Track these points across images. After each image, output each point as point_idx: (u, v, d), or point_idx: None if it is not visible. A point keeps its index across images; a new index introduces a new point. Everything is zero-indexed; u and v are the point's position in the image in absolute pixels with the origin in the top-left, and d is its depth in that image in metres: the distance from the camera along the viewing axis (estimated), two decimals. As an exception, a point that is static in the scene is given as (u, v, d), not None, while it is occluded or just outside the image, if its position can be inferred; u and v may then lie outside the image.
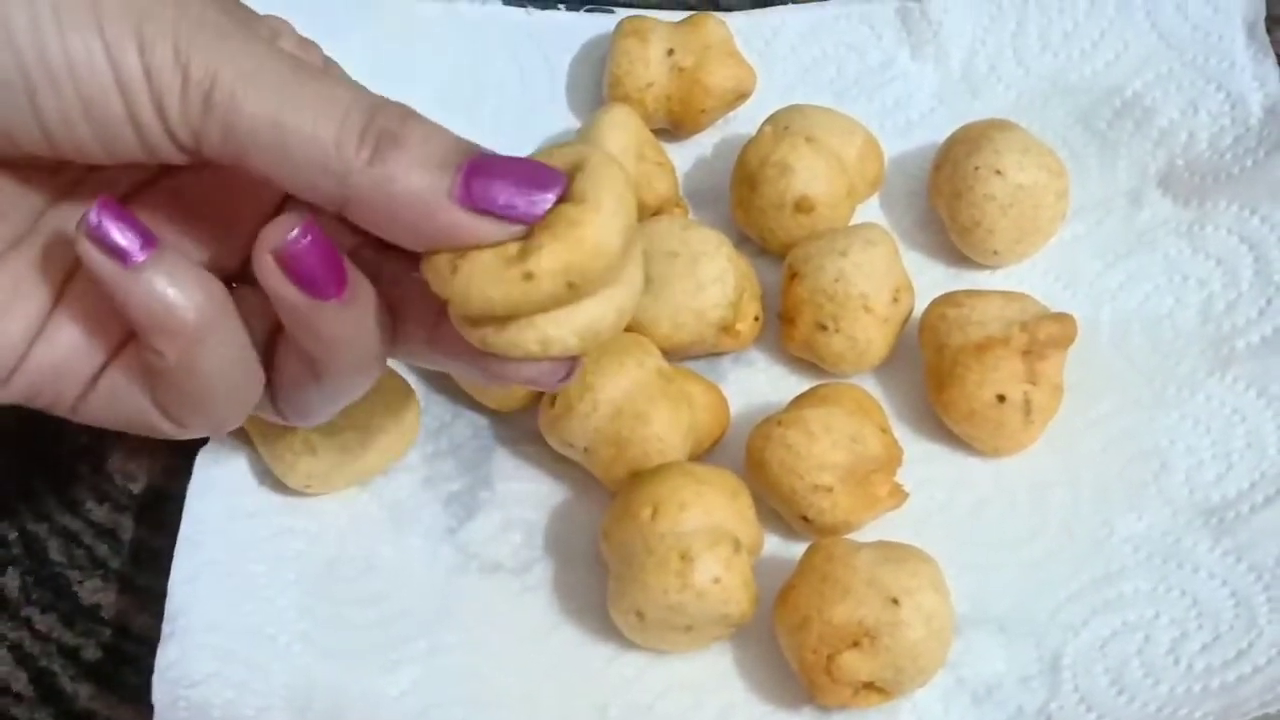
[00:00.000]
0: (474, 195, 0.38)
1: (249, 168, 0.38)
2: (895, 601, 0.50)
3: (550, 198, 0.38)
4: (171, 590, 0.55)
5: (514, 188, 0.38)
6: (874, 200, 0.68)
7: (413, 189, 0.38)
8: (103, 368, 0.42)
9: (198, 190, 0.45)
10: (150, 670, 0.53)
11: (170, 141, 0.39)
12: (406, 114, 0.39)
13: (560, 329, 0.40)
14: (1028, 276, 0.64)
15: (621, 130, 0.64)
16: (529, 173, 0.39)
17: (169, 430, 0.43)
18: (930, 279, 0.64)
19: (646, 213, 0.64)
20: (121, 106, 0.38)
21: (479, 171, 0.38)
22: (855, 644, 0.50)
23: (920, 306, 0.61)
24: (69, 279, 0.42)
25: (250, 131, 0.37)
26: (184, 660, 0.53)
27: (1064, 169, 0.63)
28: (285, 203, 0.45)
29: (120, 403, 0.42)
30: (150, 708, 0.51)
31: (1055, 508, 0.58)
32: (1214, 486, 0.58)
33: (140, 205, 0.44)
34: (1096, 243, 0.65)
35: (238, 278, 0.45)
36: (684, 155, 0.70)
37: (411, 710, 0.54)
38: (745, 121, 0.69)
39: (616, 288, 0.41)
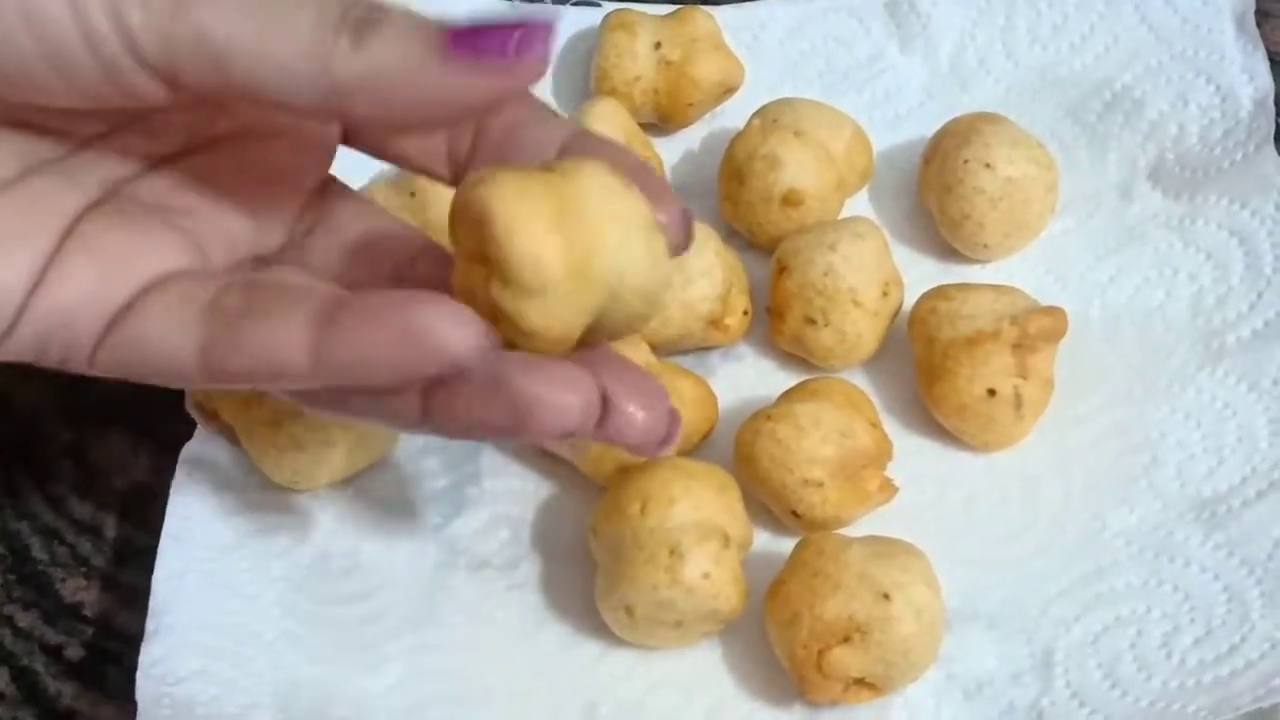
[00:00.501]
0: (464, 44, 0.36)
1: (226, 81, 0.37)
2: (886, 596, 0.50)
3: (543, 38, 0.37)
4: (155, 587, 0.54)
5: (501, 32, 0.36)
6: (863, 194, 0.68)
7: (400, 58, 0.36)
8: (117, 314, 0.40)
9: (230, 166, 0.43)
10: (134, 668, 0.52)
11: (134, 59, 0.37)
12: (379, 3, 0.37)
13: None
14: (1018, 270, 0.64)
15: (609, 124, 0.63)
16: (513, 22, 0.37)
17: (200, 379, 0.40)
18: (919, 273, 0.64)
19: None
20: (71, 22, 0.36)
21: (463, 30, 0.36)
22: (846, 639, 0.50)
23: (910, 301, 0.61)
24: (72, 225, 0.41)
25: (225, 36, 0.36)
26: (168, 658, 0.53)
27: (1053, 162, 0.63)
28: (325, 185, 0.45)
29: (150, 348, 0.40)
30: (134, 706, 0.51)
31: (1046, 502, 0.58)
32: (1205, 480, 0.57)
33: (166, 178, 0.43)
34: (1087, 236, 0.65)
35: (276, 258, 0.45)
36: (672, 149, 0.69)
37: (398, 707, 0.54)
38: (733, 115, 0.68)
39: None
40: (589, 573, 0.55)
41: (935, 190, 0.63)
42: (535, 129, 0.44)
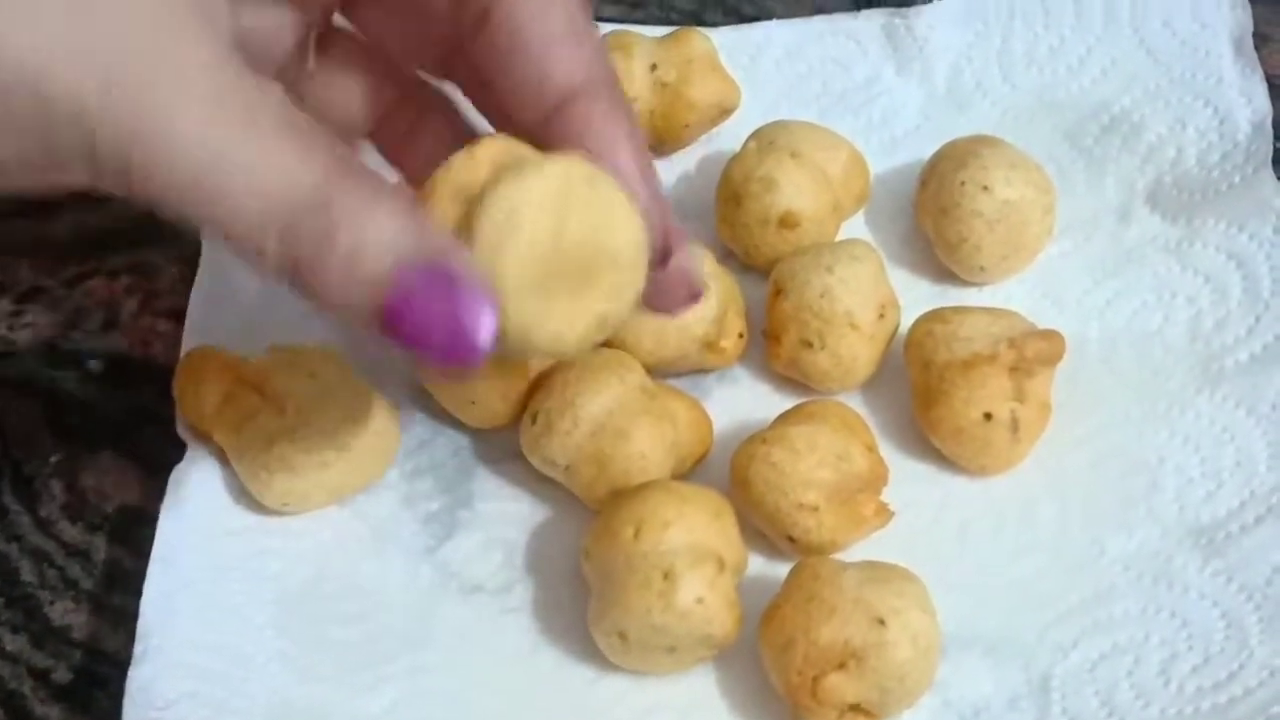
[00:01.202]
0: (397, 332, 0.37)
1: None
2: (882, 621, 0.49)
3: (482, 344, 0.37)
4: (144, 609, 0.54)
5: (441, 329, 0.37)
6: (859, 216, 0.67)
7: (336, 302, 0.37)
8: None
9: None
10: (122, 692, 0.52)
11: None
12: (333, 216, 0.36)
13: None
14: (1015, 293, 0.64)
15: None
16: (456, 313, 0.37)
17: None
18: (916, 296, 0.63)
19: None
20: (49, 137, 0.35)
21: (406, 308, 0.36)
22: (841, 665, 0.50)
23: (906, 323, 0.60)
24: None
25: (171, 205, 0.36)
26: (157, 681, 0.52)
27: (1051, 185, 0.63)
28: None
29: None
30: None
31: (1043, 526, 0.57)
32: (1204, 505, 0.57)
33: None
34: (1084, 260, 0.65)
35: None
36: (668, 171, 0.69)
37: None
38: (729, 138, 0.68)
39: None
40: (583, 597, 0.55)
41: (932, 213, 0.63)
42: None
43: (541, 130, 0.43)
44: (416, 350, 0.37)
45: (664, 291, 0.45)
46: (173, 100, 0.34)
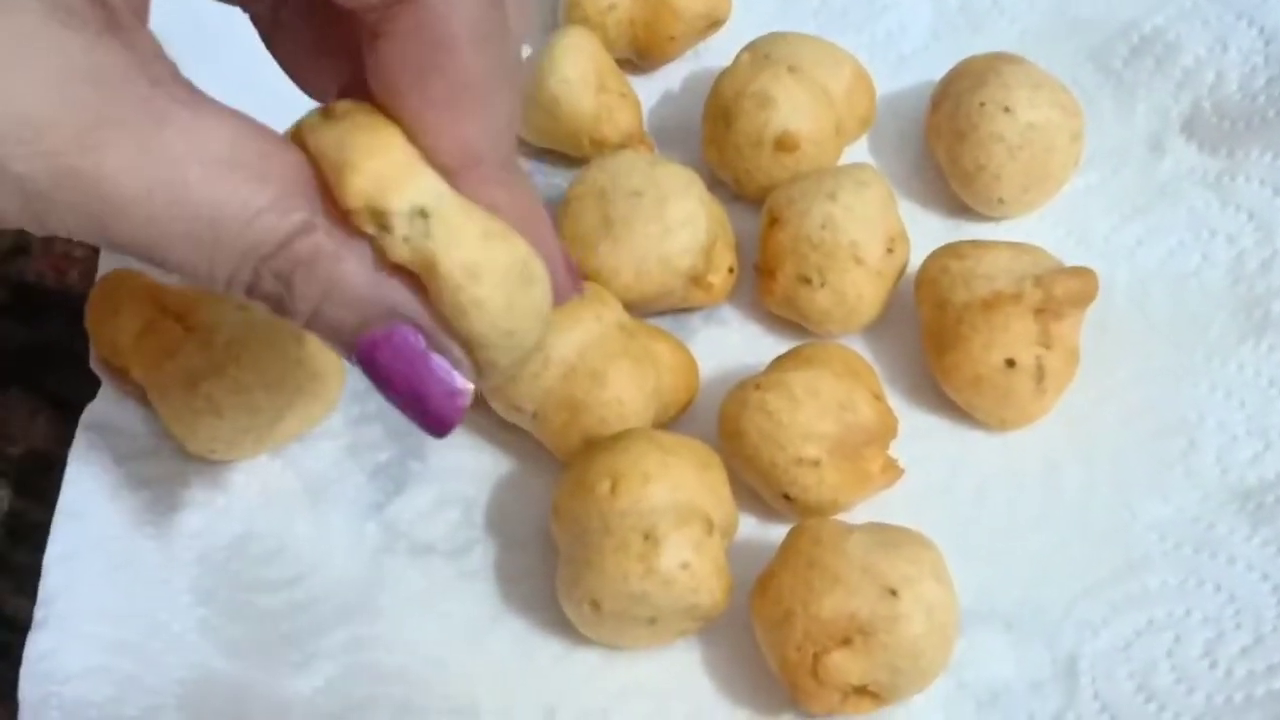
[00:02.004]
0: (371, 373, 0.36)
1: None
2: (893, 592, 0.47)
3: (451, 422, 0.37)
4: (46, 569, 0.52)
5: (407, 395, 0.37)
6: (861, 143, 0.65)
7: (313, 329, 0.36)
8: None
9: None
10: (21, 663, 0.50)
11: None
12: (296, 267, 0.35)
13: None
14: (1035, 230, 0.61)
15: (579, 55, 0.61)
16: (426, 385, 0.37)
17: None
18: (925, 231, 0.61)
19: (608, 150, 0.61)
20: None
21: (371, 363, 0.36)
22: (846, 641, 0.47)
23: (916, 260, 0.58)
24: None
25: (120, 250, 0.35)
26: (59, 651, 0.51)
27: (1079, 108, 0.60)
28: None
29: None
30: (15, 705, 0.49)
31: (1069, 489, 0.55)
32: (1249, 466, 0.54)
33: None
34: (1112, 194, 0.62)
35: None
36: (649, 89, 0.67)
37: (326, 712, 0.51)
38: (718, 54, 0.66)
39: None
40: (550, 561, 0.53)
41: (945, 138, 0.60)
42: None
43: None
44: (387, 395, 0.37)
45: None
46: (108, 143, 0.33)
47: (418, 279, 0.35)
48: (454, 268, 0.34)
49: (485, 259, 0.34)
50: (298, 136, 0.36)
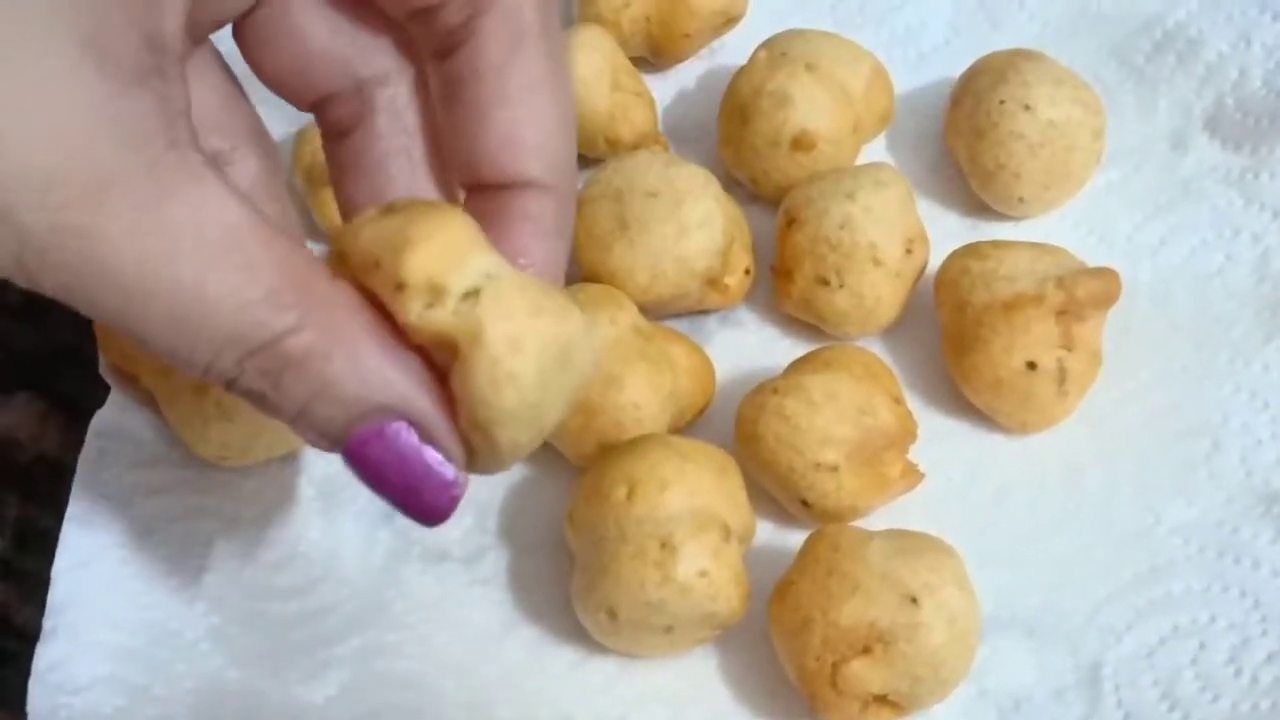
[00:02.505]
0: (361, 470, 0.35)
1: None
2: (914, 600, 0.47)
3: (444, 515, 0.36)
4: (56, 578, 0.52)
5: (400, 489, 0.36)
6: (879, 141, 0.64)
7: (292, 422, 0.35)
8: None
9: None
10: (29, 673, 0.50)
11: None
12: (285, 366, 0.34)
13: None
14: (1056, 229, 0.60)
15: (593, 54, 0.60)
16: (420, 479, 0.36)
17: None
18: (944, 231, 0.60)
19: (623, 150, 0.61)
20: None
21: (362, 460, 0.35)
22: (866, 650, 0.47)
23: (935, 261, 0.57)
24: None
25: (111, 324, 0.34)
26: (69, 661, 0.50)
27: (1100, 105, 0.59)
28: None
29: None
30: (25, 715, 0.49)
31: (1092, 493, 0.54)
32: (1274, 469, 0.54)
33: None
34: (1134, 192, 0.61)
35: None
36: (663, 87, 0.66)
37: None
38: (734, 52, 0.65)
39: None
40: (565, 567, 0.53)
41: (965, 136, 0.59)
42: None
43: (476, 194, 0.41)
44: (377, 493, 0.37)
45: None
46: (110, 205, 0.33)
47: (432, 361, 0.35)
48: (498, 339, 0.33)
49: (530, 332, 0.34)
50: (344, 237, 0.35)
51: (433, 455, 0.35)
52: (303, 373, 0.34)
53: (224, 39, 0.39)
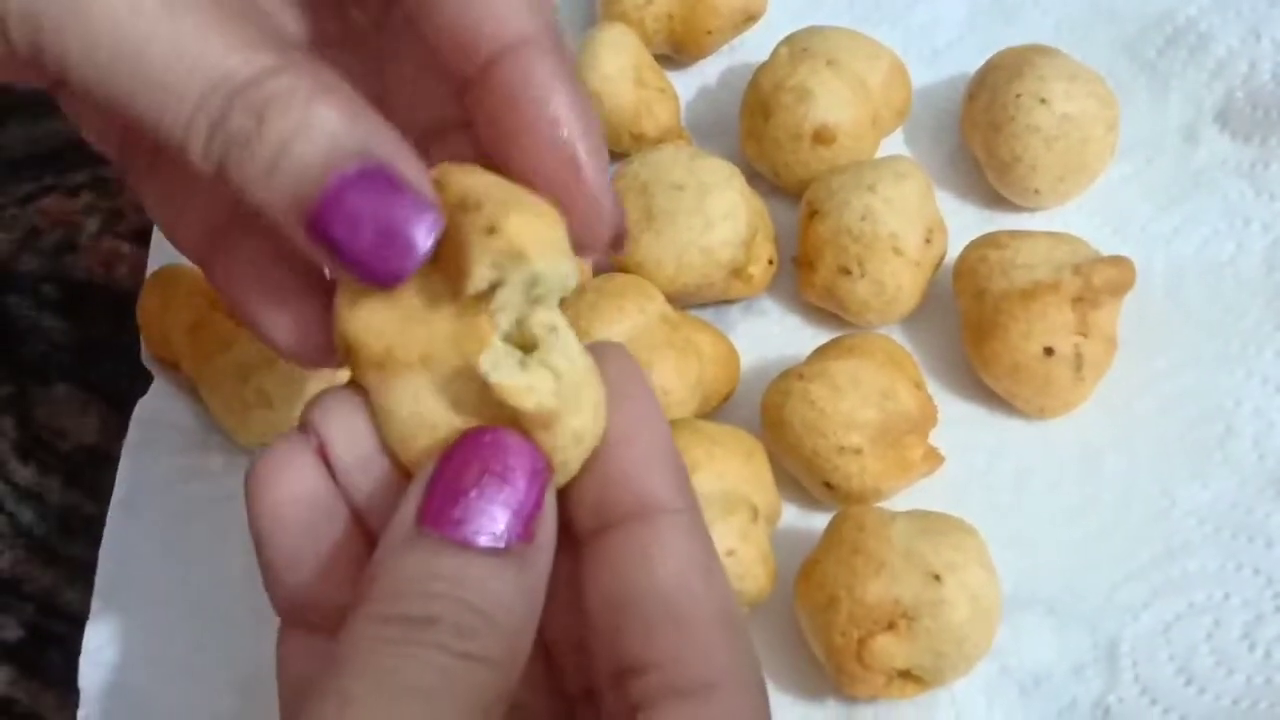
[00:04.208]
0: (325, 235, 0.33)
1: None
2: (937, 578, 0.47)
3: (418, 256, 0.34)
4: (102, 561, 0.53)
5: (373, 231, 0.33)
6: (897, 135, 0.64)
7: (260, 202, 0.33)
8: None
9: None
10: (78, 653, 0.51)
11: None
12: (270, 100, 0.33)
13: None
14: (1071, 220, 0.60)
15: (618, 51, 0.61)
16: (397, 219, 0.33)
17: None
18: (962, 222, 0.60)
19: (647, 145, 0.61)
20: None
21: (336, 206, 0.33)
22: (890, 626, 0.47)
23: (953, 251, 0.58)
24: None
25: (94, 94, 0.33)
26: (116, 641, 0.51)
27: (1114, 99, 0.59)
28: None
29: None
30: (77, 694, 0.50)
31: (1109, 476, 0.54)
32: None
33: None
34: (1147, 183, 0.61)
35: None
36: (686, 84, 0.66)
37: None
38: (754, 48, 0.65)
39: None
40: None
41: (981, 129, 0.59)
42: None
43: (478, 83, 0.38)
44: (341, 256, 0.34)
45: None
46: None
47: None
48: (566, 432, 0.33)
49: (590, 434, 0.33)
50: (459, 170, 0.34)
51: (412, 196, 0.34)
52: (290, 105, 0.33)
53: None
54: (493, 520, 0.32)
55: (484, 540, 0.31)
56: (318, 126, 0.33)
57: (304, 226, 0.33)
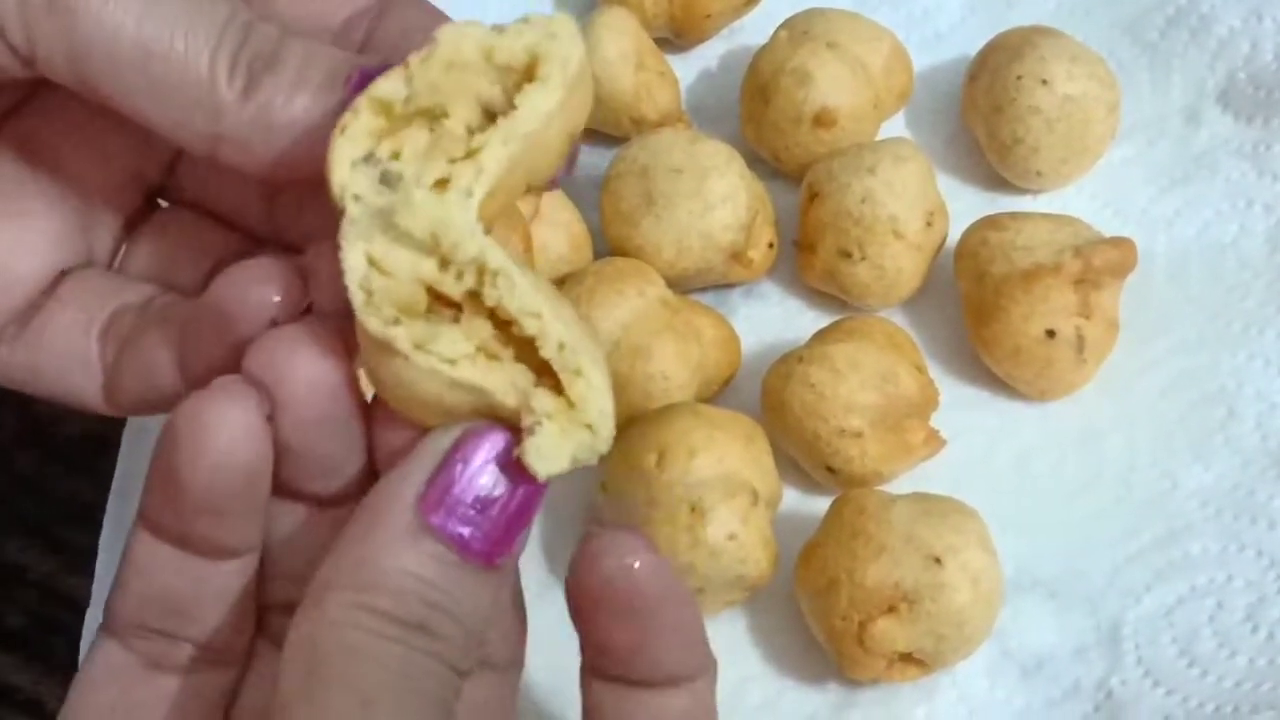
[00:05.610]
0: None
1: (98, 95, 0.34)
2: (938, 561, 0.47)
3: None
4: (104, 547, 0.53)
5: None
6: (898, 118, 0.64)
7: (294, 115, 0.34)
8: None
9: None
10: (80, 639, 0.51)
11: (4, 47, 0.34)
12: (284, 33, 0.35)
13: None
14: (1072, 202, 0.60)
15: (618, 35, 0.60)
16: None
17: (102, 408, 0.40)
18: (963, 205, 0.60)
19: (647, 128, 0.61)
20: None
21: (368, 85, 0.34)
22: (891, 609, 0.47)
23: (954, 234, 0.57)
24: None
25: (107, 50, 0.33)
26: None
27: (1115, 80, 0.59)
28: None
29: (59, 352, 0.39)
30: None
31: (1110, 458, 0.55)
32: None
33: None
34: (1149, 165, 0.61)
35: (159, 192, 0.41)
36: (686, 67, 0.66)
37: None
38: (754, 32, 0.65)
39: None
40: None
41: (983, 111, 0.59)
42: None
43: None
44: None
45: None
46: None
47: None
48: (594, 411, 0.33)
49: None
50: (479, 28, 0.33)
51: None
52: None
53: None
54: (492, 533, 0.32)
55: (479, 549, 0.32)
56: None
57: (349, 91, 0.33)
